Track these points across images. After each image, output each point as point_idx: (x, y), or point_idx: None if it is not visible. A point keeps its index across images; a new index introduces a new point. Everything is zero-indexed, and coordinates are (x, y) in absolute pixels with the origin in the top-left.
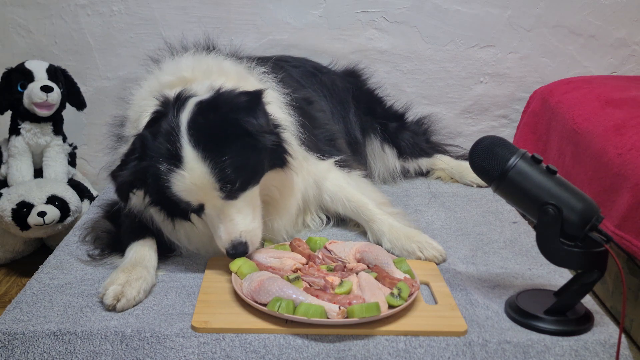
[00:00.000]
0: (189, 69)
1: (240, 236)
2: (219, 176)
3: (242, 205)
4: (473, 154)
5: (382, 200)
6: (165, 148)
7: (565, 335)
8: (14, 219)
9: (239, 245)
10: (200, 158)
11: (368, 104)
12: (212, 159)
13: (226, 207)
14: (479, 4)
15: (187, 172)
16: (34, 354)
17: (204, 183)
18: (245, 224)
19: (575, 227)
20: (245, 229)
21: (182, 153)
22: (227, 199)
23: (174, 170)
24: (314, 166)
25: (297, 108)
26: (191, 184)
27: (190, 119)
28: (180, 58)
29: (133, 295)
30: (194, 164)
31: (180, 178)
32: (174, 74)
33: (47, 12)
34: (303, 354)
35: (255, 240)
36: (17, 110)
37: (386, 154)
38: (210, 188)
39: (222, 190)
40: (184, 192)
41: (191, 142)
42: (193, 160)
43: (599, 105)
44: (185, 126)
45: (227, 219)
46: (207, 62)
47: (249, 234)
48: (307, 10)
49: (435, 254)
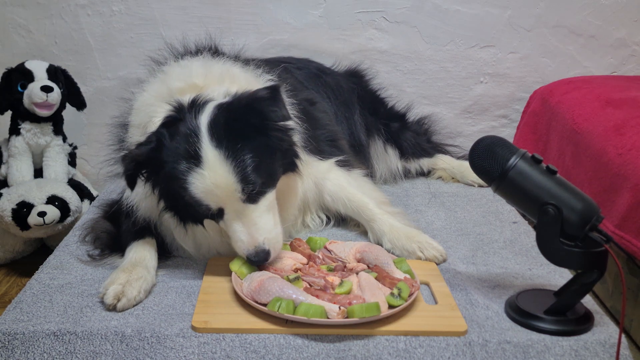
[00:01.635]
0: (201, 76)
1: (264, 243)
2: (241, 176)
3: (263, 210)
4: (473, 154)
5: (383, 200)
6: (184, 148)
7: (565, 335)
8: (14, 219)
9: (261, 252)
10: (222, 157)
11: (372, 105)
12: (234, 158)
13: (248, 211)
14: (479, 4)
15: (208, 172)
16: (34, 354)
17: (226, 184)
18: (267, 231)
19: (575, 227)
20: (268, 236)
21: (202, 153)
22: (248, 202)
23: (193, 170)
24: (314, 167)
25: (300, 109)
26: (212, 184)
27: (211, 119)
28: (189, 63)
29: (134, 295)
30: (215, 163)
31: (200, 178)
32: (185, 80)
33: (47, 12)
34: (303, 354)
35: (277, 247)
36: (17, 110)
37: (389, 154)
38: (231, 189)
39: (244, 191)
40: (204, 193)
41: (212, 142)
42: (214, 160)
43: (599, 105)
44: (206, 127)
45: (250, 223)
46: (218, 69)
47: (271, 241)
48: (307, 10)
49: (435, 254)
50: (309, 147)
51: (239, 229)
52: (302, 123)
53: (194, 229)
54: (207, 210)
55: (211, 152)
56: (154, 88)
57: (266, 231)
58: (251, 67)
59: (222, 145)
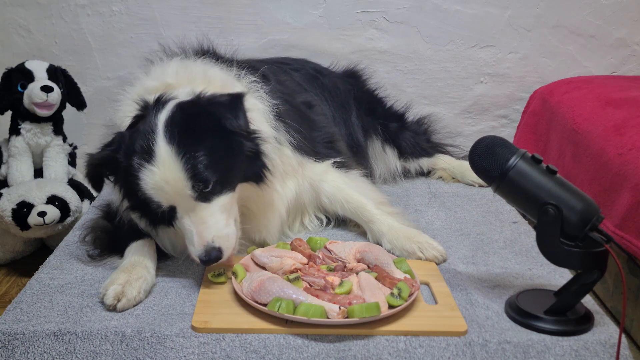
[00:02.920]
0: (173, 75)
1: (213, 241)
2: (191, 173)
3: (216, 210)
4: (473, 154)
5: (381, 200)
6: (139, 145)
7: (565, 335)
8: (14, 219)
9: (212, 250)
10: (172, 153)
11: (369, 105)
12: (185, 154)
13: (198, 209)
14: (479, 4)
15: (158, 168)
16: (34, 354)
17: (175, 180)
18: (217, 229)
19: (575, 227)
20: (218, 234)
21: (154, 148)
22: (199, 200)
23: (145, 166)
24: (310, 170)
25: (296, 111)
26: (161, 180)
27: (168, 117)
28: (167, 63)
29: (133, 295)
30: (166, 159)
31: (150, 174)
32: (158, 79)
33: (47, 12)
34: (303, 354)
35: (228, 245)
36: (17, 110)
37: (387, 154)
38: (182, 186)
39: (194, 189)
40: (154, 190)
41: (165, 138)
42: (165, 155)
43: (599, 105)
44: (163, 124)
45: (199, 221)
46: (192, 69)
47: (221, 239)
48: (307, 10)
49: (435, 254)
50: (305, 149)
51: (189, 229)
52: (296, 128)
53: (165, 229)
54: (158, 208)
55: (163, 148)
56: (134, 89)
57: (216, 229)
58: (234, 69)
59: (175, 142)
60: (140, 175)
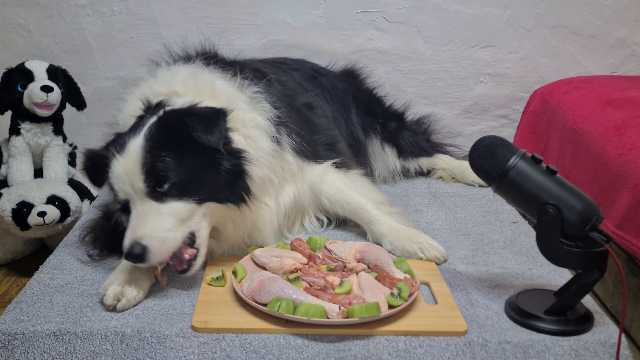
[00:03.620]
0: (181, 84)
1: (142, 238)
2: (148, 167)
3: (165, 212)
4: (473, 154)
5: (381, 200)
6: (121, 140)
7: (565, 335)
8: (14, 219)
9: (135, 245)
10: (139, 147)
11: (367, 104)
12: (150, 150)
13: (146, 206)
14: (479, 4)
15: (123, 157)
16: (34, 354)
17: (132, 171)
18: (155, 229)
19: (575, 227)
20: (152, 234)
21: (129, 143)
22: (151, 198)
23: (114, 156)
24: (310, 172)
25: (298, 113)
26: (122, 170)
27: (154, 120)
28: (178, 70)
29: (133, 295)
30: (132, 151)
31: (115, 163)
32: (167, 85)
33: (47, 12)
34: (303, 354)
35: (158, 249)
36: (17, 110)
37: (386, 153)
38: (136, 178)
39: (147, 184)
40: (115, 179)
41: (142, 137)
42: (132, 148)
43: (599, 105)
44: (147, 125)
45: (140, 216)
46: (200, 80)
47: (152, 240)
48: (307, 10)
49: (436, 255)
50: (305, 153)
51: (130, 222)
52: (296, 131)
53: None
54: (118, 201)
55: (134, 143)
56: (141, 90)
57: (152, 228)
58: (238, 78)
59: (148, 142)
60: (110, 165)
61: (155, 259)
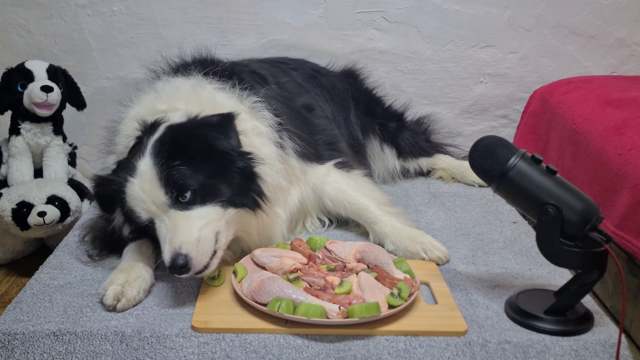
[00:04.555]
0: (184, 102)
1: (180, 247)
2: (166, 180)
3: (193, 216)
4: (473, 154)
5: (383, 200)
6: (128, 165)
7: (565, 335)
8: (14, 219)
9: (177, 257)
10: (151, 164)
11: (367, 104)
12: (163, 164)
13: (174, 217)
14: (479, 4)
15: (137, 179)
16: (34, 354)
17: (151, 188)
18: (187, 234)
19: (575, 227)
20: (187, 239)
21: (138, 165)
22: (176, 209)
23: (127, 180)
24: (312, 174)
25: (298, 116)
26: (140, 190)
27: (157, 138)
28: (177, 84)
29: (133, 295)
30: (144, 170)
31: (130, 186)
32: (169, 103)
33: (47, 12)
34: (303, 354)
35: (197, 252)
36: (17, 110)
37: (385, 153)
38: (157, 193)
39: (169, 195)
40: (134, 201)
41: (151, 157)
42: (144, 167)
43: (599, 105)
44: (152, 144)
45: (172, 228)
46: (202, 95)
47: (189, 245)
48: (307, 10)
49: (439, 255)
50: (308, 155)
51: (163, 236)
52: (298, 133)
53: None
54: (140, 222)
55: (144, 162)
56: (143, 104)
57: (185, 234)
58: (237, 90)
59: (158, 158)
60: (125, 190)
61: (197, 263)
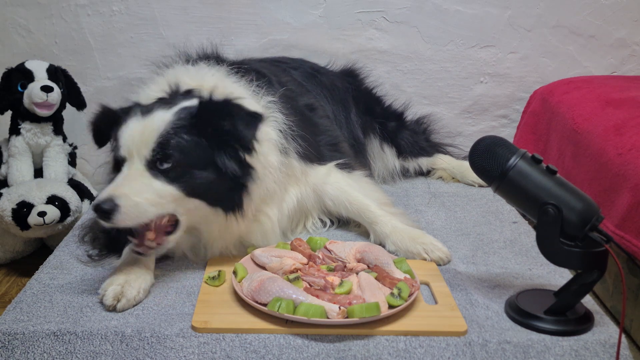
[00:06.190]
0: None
1: (119, 197)
2: (163, 139)
3: (152, 186)
4: (473, 153)
5: (384, 201)
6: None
7: (565, 335)
8: (14, 219)
9: (108, 201)
10: (166, 119)
11: (367, 104)
12: (175, 126)
13: (138, 173)
14: (479, 4)
15: (145, 120)
16: (34, 354)
17: (147, 136)
18: (133, 193)
19: (575, 227)
20: (130, 195)
21: (156, 111)
22: (147, 168)
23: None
24: (313, 175)
25: (301, 116)
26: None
27: (187, 105)
28: (204, 70)
29: (133, 295)
30: (157, 119)
31: (135, 122)
32: (197, 82)
33: (48, 12)
34: (303, 354)
35: (129, 212)
36: (17, 110)
37: (385, 153)
38: (146, 146)
39: (153, 154)
40: (128, 135)
41: (174, 113)
42: (159, 117)
43: (599, 105)
44: (180, 107)
45: (126, 178)
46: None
47: (127, 201)
48: (307, 10)
49: (440, 256)
50: (309, 156)
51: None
52: (300, 134)
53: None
54: (115, 156)
55: (163, 114)
56: (160, 81)
57: (132, 192)
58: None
59: (178, 118)
60: (127, 121)
61: (121, 220)
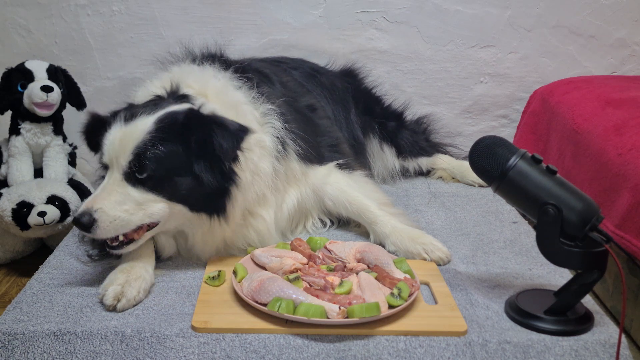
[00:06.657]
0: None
1: (96, 210)
2: (140, 150)
3: (131, 196)
4: (473, 153)
5: (384, 201)
6: (133, 112)
7: (565, 335)
8: (14, 219)
9: (86, 214)
10: (146, 127)
11: (366, 104)
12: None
13: (117, 183)
14: (479, 4)
15: (126, 127)
16: (34, 354)
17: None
18: (111, 207)
19: (575, 227)
20: (107, 210)
21: (138, 117)
22: (125, 178)
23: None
24: (313, 175)
25: (301, 116)
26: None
27: (174, 110)
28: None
29: (133, 295)
30: (137, 127)
31: (117, 129)
32: (200, 86)
33: (48, 12)
34: (303, 354)
35: (107, 226)
36: (17, 110)
37: (385, 153)
38: (124, 155)
39: (130, 164)
40: (109, 143)
41: (155, 117)
42: (140, 124)
43: (599, 105)
44: (165, 111)
45: (105, 190)
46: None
47: (104, 216)
48: (307, 10)
49: (440, 256)
50: (310, 157)
51: (95, 190)
52: (301, 135)
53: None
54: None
55: (144, 120)
56: (164, 77)
57: (110, 206)
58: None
59: (158, 124)
60: (111, 128)
61: (100, 234)
